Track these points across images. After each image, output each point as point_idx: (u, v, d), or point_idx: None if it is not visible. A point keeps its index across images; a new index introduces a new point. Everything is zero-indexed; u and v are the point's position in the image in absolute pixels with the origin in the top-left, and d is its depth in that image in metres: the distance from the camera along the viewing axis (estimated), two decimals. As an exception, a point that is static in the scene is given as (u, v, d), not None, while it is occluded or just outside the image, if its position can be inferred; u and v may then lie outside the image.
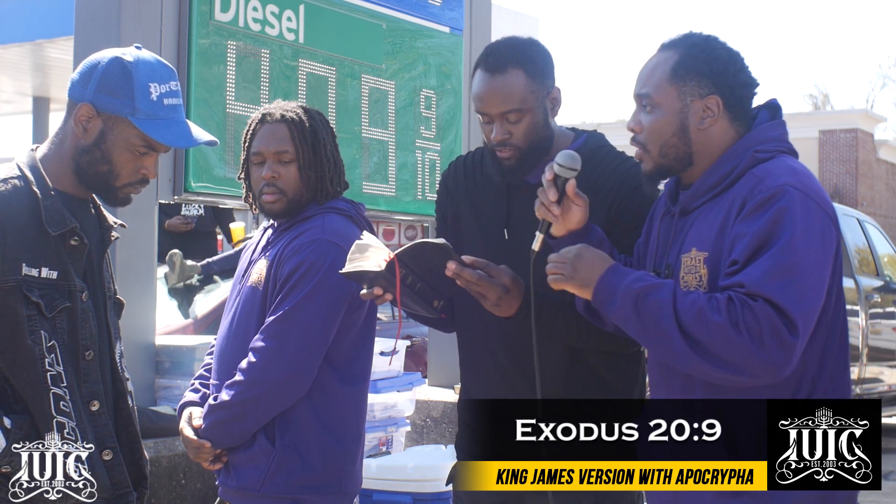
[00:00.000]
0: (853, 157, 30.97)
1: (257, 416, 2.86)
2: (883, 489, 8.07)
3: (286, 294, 2.85)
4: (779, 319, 2.12)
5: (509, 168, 2.72)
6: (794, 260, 2.16)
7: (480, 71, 2.70)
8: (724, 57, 2.38)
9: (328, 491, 2.89)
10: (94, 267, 2.45)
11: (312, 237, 2.89)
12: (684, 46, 2.39)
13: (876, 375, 9.45)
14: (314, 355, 2.85)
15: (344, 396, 2.93)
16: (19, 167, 2.39)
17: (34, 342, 2.28)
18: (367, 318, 3.01)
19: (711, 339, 2.14)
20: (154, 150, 2.43)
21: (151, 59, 2.43)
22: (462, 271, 2.50)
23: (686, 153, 2.36)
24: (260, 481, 2.85)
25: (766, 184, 2.23)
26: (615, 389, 2.79)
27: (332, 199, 3.02)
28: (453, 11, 5.55)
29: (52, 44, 12.16)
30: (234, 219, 8.46)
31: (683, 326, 2.17)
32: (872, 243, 9.87)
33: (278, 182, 2.95)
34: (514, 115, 2.66)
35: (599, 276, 2.32)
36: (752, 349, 2.12)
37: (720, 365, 2.15)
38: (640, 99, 2.40)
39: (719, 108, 2.35)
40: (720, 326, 2.13)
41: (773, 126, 2.39)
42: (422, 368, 6.39)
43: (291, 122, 2.97)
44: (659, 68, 2.38)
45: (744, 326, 2.12)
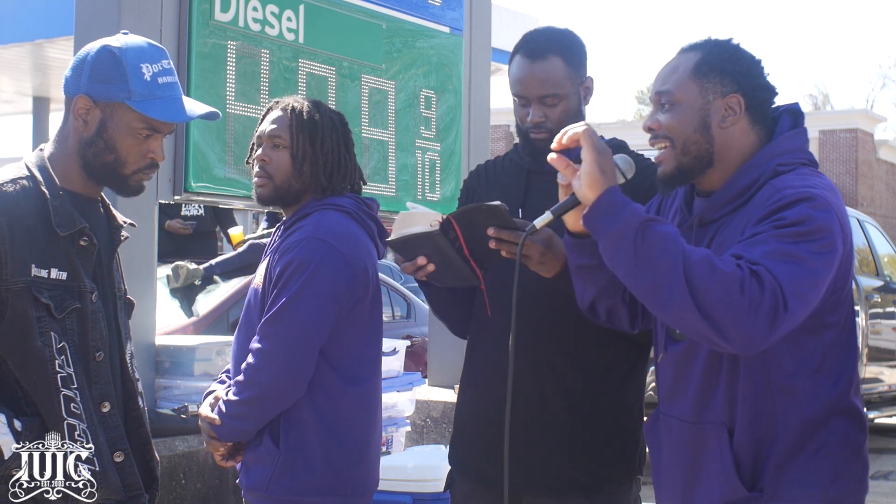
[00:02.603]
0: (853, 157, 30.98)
1: (257, 415, 2.87)
2: (883, 489, 8.08)
3: (277, 294, 2.85)
4: (781, 299, 2.08)
5: (542, 150, 2.75)
6: (799, 252, 2.12)
7: (520, 56, 2.80)
8: (747, 58, 2.37)
9: (331, 493, 2.89)
10: (104, 267, 2.44)
11: (302, 235, 2.89)
12: (707, 47, 2.37)
13: (876, 375, 9.45)
14: (307, 355, 2.83)
15: (346, 397, 2.91)
16: (28, 167, 2.38)
17: (44, 344, 2.27)
18: (371, 317, 2.98)
19: (710, 287, 2.06)
20: (157, 132, 2.41)
21: (140, 42, 2.43)
22: (501, 232, 2.49)
23: (708, 151, 2.32)
24: (266, 482, 2.87)
25: (784, 193, 2.20)
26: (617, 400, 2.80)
27: (335, 195, 3.00)
28: (453, 11, 5.54)
29: (52, 44, 12.18)
30: (234, 218, 8.46)
31: (687, 265, 2.09)
32: (872, 243, 9.87)
33: (268, 166, 2.97)
34: (552, 100, 2.76)
35: (607, 188, 2.21)
36: (747, 315, 2.06)
37: (705, 317, 2.07)
38: (659, 97, 2.36)
39: (741, 107, 2.32)
40: (726, 277, 2.06)
41: (796, 135, 2.36)
42: (422, 368, 6.39)
43: (292, 110, 2.99)
44: (681, 66, 2.36)
45: (748, 290, 2.06)
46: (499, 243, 2.51)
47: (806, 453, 2.25)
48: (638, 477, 2.85)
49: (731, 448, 2.27)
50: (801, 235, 2.13)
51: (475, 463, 2.87)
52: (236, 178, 4.40)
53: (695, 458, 2.34)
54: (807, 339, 2.23)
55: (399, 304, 8.26)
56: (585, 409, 2.77)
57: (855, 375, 2.34)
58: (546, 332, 2.76)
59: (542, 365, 2.76)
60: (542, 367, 2.76)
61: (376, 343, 3.03)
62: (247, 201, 4.60)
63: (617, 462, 2.79)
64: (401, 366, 4.75)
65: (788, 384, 2.25)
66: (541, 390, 2.77)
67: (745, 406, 2.27)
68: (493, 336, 2.82)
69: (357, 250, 2.92)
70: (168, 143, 4.11)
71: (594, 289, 2.45)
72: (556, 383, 2.77)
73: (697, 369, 2.32)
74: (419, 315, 8.07)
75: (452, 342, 3.15)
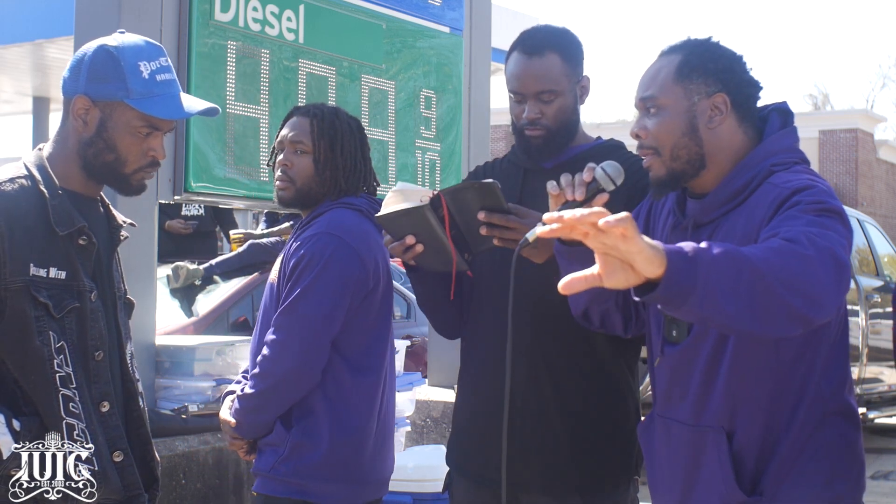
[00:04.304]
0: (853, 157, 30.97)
1: (273, 406, 2.98)
2: (883, 489, 8.07)
3: (291, 288, 2.96)
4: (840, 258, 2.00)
5: (536, 147, 2.79)
6: (830, 224, 2.06)
7: (518, 53, 2.80)
8: (728, 55, 2.34)
9: (335, 479, 2.97)
10: (104, 267, 2.43)
11: (314, 231, 3.00)
12: (687, 48, 2.35)
13: (876, 375, 9.45)
14: (319, 345, 2.93)
15: (354, 386, 3.00)
16: (26, 166, 2.38)
17: (42, 343, 2.26)
18: (382, 309, 3.08)
19: (794, 271, 1.91)
20: (157, 129, 2.41)
21: (137, 40, 2.42)
22: (492, 216, 2.49)
23: (699, 154, 2.29)
24: (274, 464, 2.97)
25: (786, 186, 2.19)
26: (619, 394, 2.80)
27: (349, 196, 3.10)
28: (453, 11, 5.54)
29: (52, 44, 12.18)
30: (234, 218, 8.46)
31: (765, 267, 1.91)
32: (872, 243, 9.88)
33: (290, 171, 3.08)
34: (548, 96, 2.76)
35: (666, 253, 1.82)
36: (839, 285, 1.96)
37: (799, 296, 1.91)
38: (643, 103, 2.33)
39: (727, 106, 2.30)
40: (812, 259, 1.93)
41: (787, 134, 2.35)
42: (422, 368, 6.39)
43: (314, 116, 3.11)
44: (663, 70, 2.33)
45: (837, 257, 1.97)
46: (490, 228, 2.50)
47: (804, 455, 2.24)
48: (635, 478, 2.85)
49: (729, 452, 2.26)
50: (824, 212, 2.09)
51: (473, 463, 2.88)
52: (236, 178, 4.40)
53: (693, 461, 2.33)
54: (803, 338, 2.22)
55: (399, 304, 8.25)
56: (583, 410, 2.77)
57: (849, 374, 2.33)
58: (542, 333, 2.76)
59: (538, 366, 2.76)
60: (538, 367, 2.76)
61: (385, 336, 3.12)
62: (247, 201, 4.61)
63: (614, 463, 2.79)
64: (401, 366, 4.75)
65: (785, 385, 2.25)
66: (538, 391, 2.76)
67: (743, 409, 2.26)
68: (489, 337, 2.81)
69: (368, 245, 3.01)
70: (168, 143, 4.11)
71: (587, 295, 2.44)
72: (553, 384, 2.76)
73: (696, 372, 2.31)
74: (419, 315, 8.06)
75: (452, 342, 3.15)
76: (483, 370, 2.85)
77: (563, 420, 2.76)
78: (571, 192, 2.30)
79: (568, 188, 2.31)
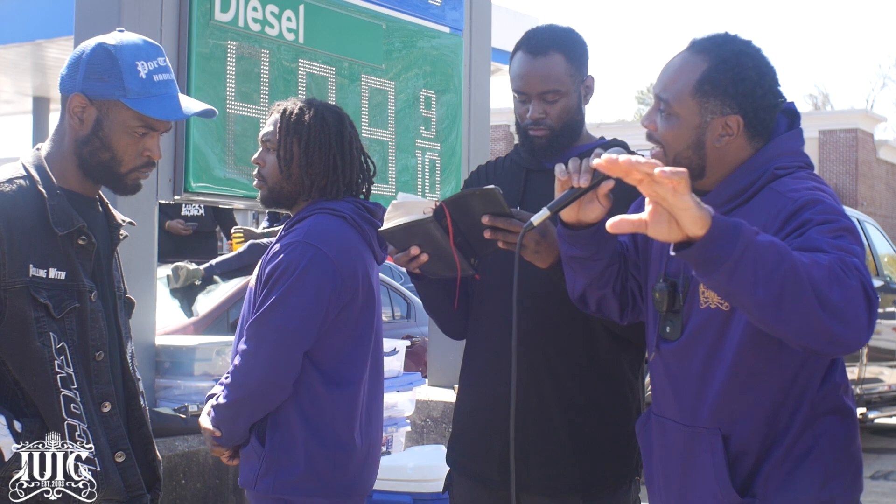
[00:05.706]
0: (853, 157, 30.96)
1: (246, 416, 2.91)
2: (883, 489, 8.07)
3: (265, 296, 2.88)
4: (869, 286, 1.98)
5: (540, 147, 2.79)
6: (847, 246, 2.03)
7: (522, 53, 2.79)
8: (753, 77, 2.26)
9: (314, 493, 2.90)
10: (103, 266, 2.43)
11: (291, 240, 2.91)
12: (715, 58, 2.26)
13: (876, 375, 9.45)
14: (290, 357, 2.85)
15: (329, 399, 2.92)
16: (24, 167, 2.37)
17: (43, 344, 2.26)
18: (361, 320, 2.98)
19: (832, 287, 1.91)
20: (153, 130, 2.40)
21: (136, 39, 2.41)
22: (496, 220, 2.49)
23: (699, 166, 2.28)
24: (254, 480, 2.91)
25: (791, 196, 2.16)
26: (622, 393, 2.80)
27: (331, 198, 2.99)
28: (453, 11, 5.54)
29: (52, 44, 12.18)
30: (234, 218, 8.46)
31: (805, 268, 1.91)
32: (872, 243, 9.88)
33: (263, 170, 3.02)
34: (552, 96, 2.76)
35: (711, 215, 1.86)
36: (870, 317, 1.95)
37: (830, 314, 1.91)
38: (658, 100, 2.31)
39: (739, 128, 2.26)
40: (855, 290, 1.93)
41: (793, 137, 2.33)
42: (422, 368, 6.39)
43: (283, 112, 3.01)
44: (684, 76, 2.27)
45: (870, 292, 1.95)
46: (493, 232, 2.50)
47: (798, 456, 2.23)
48: (637, 478, 2.85)
49: (724, 454, 2.25)
50: (837, 231, 2.07)
51: (473, 463, 2.87)
52: (236, 178, 4.40)
53: (688, 461, 2.32)
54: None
55: (399, 304, 8.25)
56: (584, 410, 2.77)
57: (844, 375, 2.33)
58: (544, 333, 2.76)
59: (540, 365, 2.76)
60: (540, 367, 2.76)
61: (365, 348, 3.01)
62: (247, 201, 4.60)
63: (615, 463, 2.79)
64: (401, 366, 4.75)
65: (785, 388, 2.24)
66: (539, 390, 2.76)
67: (739, 409, 2.25)
68: (491, 336, 2.81)
69: (347, 254, 2.91)
70: (168, 143, 4.11)
71: (585, 279, 2.44)
72: (555, 383, 2.76)
73: (690, 372, 2.30)
74: (419, 315, 8.06)
75: (452, 342, 3.14)
76: (484, 366, 2.85)
77: (564, 420, 2.76)
78: (577, 178, 2.28)
79: (575, 174, 2.29)
